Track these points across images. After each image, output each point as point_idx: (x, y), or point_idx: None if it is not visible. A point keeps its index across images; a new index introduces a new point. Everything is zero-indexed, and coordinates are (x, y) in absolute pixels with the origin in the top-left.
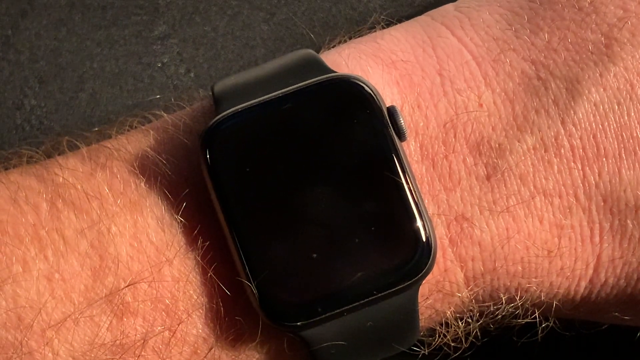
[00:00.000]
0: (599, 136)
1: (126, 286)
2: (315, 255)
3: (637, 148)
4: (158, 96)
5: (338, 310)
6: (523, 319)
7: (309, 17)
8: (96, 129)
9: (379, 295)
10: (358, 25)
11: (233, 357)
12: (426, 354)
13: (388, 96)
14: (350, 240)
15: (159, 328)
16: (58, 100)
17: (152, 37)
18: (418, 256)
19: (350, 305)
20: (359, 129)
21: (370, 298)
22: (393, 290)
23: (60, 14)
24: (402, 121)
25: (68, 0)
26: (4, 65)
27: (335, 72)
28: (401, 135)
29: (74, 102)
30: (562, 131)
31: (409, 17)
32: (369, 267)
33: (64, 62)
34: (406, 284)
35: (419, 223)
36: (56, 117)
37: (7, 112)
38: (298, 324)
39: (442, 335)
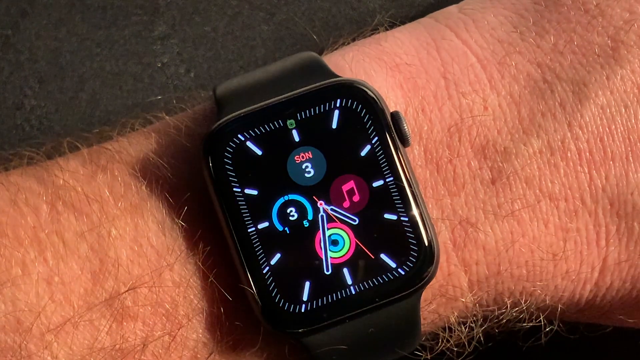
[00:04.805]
0: (606, 139)
1: (126, 290)
2: (317, 262)
3: None
4: (159, 97)
5: (340, 318)
6: (528, 322)
7: (309, 17)
8: (97, 130)
9: (381, 302)
10: (358, 25)
11: None
12: (429, 358)
13: (392, 100)
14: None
15: (159, 332)
16: (58, 100)
17: (152, 37)
18: (420, 263)
19: (352, 313)
20: (362, 134)
21: (372, 305)
22: (395, 297)
23: (60, 14)
24: (405, 127)
25: (68, 0)
26: (4, 65)
27: (339, 76)
28: (405, 141)
29: (74, 102)
30: (569, 134)
31: (410, 18)
32: (371, 274)
33: (64, 62)
34: (408, 291)
35: (421, 229)
36: (56, 117)
37: (7, 112)
38: (299, 331)
39: (445, 340)
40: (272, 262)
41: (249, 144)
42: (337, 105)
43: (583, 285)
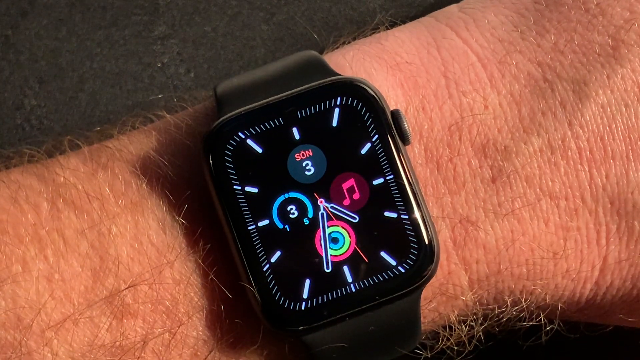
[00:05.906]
0: (606, 138)
1: (126, 288)
2: (317, 259)
3: None
4: (160, 96)
5: (340, 316)
6: (528, 321)
7: (309, 17)
8: (98, 128)
9: (381, 300)
10: (358, 25)
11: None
12: (429, 357)
13: (392, 99)
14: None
15: (159, 330)
16: (58, 100)
17: (152, 37)
18: (420, 261)
19: (352, 311)
20: (362, 132)
21: (372, 303)
22: (395, 295)
23: (60, 14)
24: (406, 125)
25: (68, 0)
26: (4, 65)
27: (339, 74)
28: (405, 139)
29: (74, 102)
30: (569, 133)
31: (410, 17)
32: (371, 272)
33: (64, 62)
34: (408, 289)
35: (421, 228)
36: (56, 117)
37: (7, 112)
38: (299, 328)
39: (445, 339)
40: (272, 259)
41: (249, 142)
42: (338, 103)
43: (583, 284)
